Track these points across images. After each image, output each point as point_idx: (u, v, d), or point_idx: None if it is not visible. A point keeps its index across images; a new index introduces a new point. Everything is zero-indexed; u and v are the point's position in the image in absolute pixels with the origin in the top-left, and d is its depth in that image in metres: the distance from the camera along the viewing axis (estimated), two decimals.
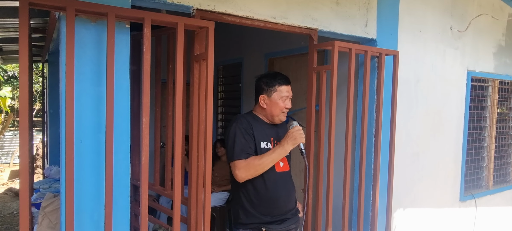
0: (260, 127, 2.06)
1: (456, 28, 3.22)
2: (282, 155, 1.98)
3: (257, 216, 2.02)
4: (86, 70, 1.58)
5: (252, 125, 2.03)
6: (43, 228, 2.52)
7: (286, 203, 2.10)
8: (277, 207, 2.07)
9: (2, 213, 6.06)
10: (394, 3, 2.73)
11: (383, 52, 2.54)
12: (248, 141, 1.98)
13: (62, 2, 1.43)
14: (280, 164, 2.07)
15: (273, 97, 2.03)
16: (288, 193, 2.10)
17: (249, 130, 2.00)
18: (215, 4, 1.91)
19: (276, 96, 2.03)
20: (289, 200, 2.11)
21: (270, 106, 2.05)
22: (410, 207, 3.02)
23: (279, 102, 2.03)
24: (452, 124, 3.31)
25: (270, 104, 2.04)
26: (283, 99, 2.03)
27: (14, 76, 11.03)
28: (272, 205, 2.05)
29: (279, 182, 2.05)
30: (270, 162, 1.96)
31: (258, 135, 2.02)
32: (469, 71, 3.38)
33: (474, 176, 3.69)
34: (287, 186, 2.10)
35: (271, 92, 2.03)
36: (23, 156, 1.42)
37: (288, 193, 2.10)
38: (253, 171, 1.94)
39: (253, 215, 2.02)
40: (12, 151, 11.06)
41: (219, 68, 4.64)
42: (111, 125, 1.57)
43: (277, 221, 2.07)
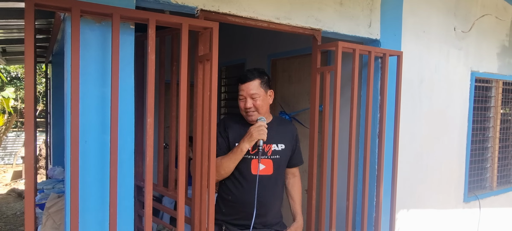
0: (239, 127, 2.01)
1: (459, 29, 3.21)
2: (238, 153, 1.90)
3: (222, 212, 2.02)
4: (91, 70, 1.58)
5: (229, 126, 2.03)
6: (47, 228, 2.52)
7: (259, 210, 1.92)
8: (243, 211, 1.95)
9: (5, 214, 6.08)
10: (397, 3, 2.72)
11: (387, 52, 2.53)
12: (221, 142, 1.99)
13: (68, 3, 1.43)
14: (260, 166, 1.94)
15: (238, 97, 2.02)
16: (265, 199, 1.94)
17: (222, 132, 2.03)
18: (219, 5, 1.91)
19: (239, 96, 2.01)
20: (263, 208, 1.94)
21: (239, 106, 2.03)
22: (413, 208, 3.01)
23: (239, 103, 2.00)
24: (456, 125, 3.30)
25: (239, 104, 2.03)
26: (240, 99, 1.97)
27: (17, 77, 11.07)
28: (237, 208, 1.97)
29: (251, 185, 1.93)
30: (229, 162, 1.91)
31: (232, 136, 2.00)
32: (472, 72, 3.37)
33: (478, 177, 3.68)
34: (265, 192, 1.95)
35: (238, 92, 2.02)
36: (28, 155, 1.42)
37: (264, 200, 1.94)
38: (217, 173, 1.91)
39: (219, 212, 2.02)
40: (15, 152, 11.10)
41: (222, 69, 4.65)
42: (115, 125, 1.57)
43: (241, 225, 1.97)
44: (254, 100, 1.95)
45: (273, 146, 2.03)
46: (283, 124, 2.17)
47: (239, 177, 1.99)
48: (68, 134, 1.52)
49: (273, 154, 1.97)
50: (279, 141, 2.03)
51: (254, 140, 1.90)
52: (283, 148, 2.05)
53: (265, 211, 1.98)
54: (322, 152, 2.39)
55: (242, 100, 1.97)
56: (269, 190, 1.98)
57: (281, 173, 2.05)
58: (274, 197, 2.00)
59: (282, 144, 2.05)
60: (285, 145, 2.07)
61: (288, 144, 2.09)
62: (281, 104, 3.55)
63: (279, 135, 2.03)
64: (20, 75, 11.07)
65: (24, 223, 4.03)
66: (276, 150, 2.01)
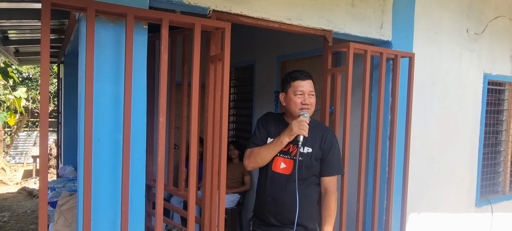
0: (278, 124, 2.02)
1: (472, 31, 3.17)
2: (277, 145, 1.91)
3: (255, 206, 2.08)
4: (105, 70, 1.60)
5: (270, 122, 2.06)
6: (59, 226, 2.55)
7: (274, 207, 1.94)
8: (262, 208, 2.01)
9: (16, 212, 6.16)
10: (409, 5, 2.70)
11: (399, 54, 2.51)
12: (261, 133, 2.04)
13: (83, 3, 1.45)
14: (281, 164, 1.95)
15: (288, 94, 1.96)
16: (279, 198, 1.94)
17: (264, 124, 2.05)
18: (231, 6, 1.92)
19: (291, 92, 1.95)
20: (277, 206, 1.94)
21: (288, 103, 1.98)
22: (424, 211, 2.97)
23: (294, 98, 1.93)
24: (468, 128, 3.26)
25: (287, 101, 1.98)
26: (298, 95, 1.93)
27: (29, 77, 11.24)
28: (258, 204, 2.05)
29: (270, 183, 1.98)
30: (267, 152, 1.94)
31: (272, 130, 2.03)
32: (485, 75, 3.33)
33: (490, 181, 3.62)
34: (280, 191, 1.94)
35: (287, 89, 1.97)
36: (43, 153, 1.44)
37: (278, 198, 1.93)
38: (253, 160, 1.97)
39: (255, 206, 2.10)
40: (25, 151, 11.26)
41: (231, 70, 4.66)
42: (128, 124, 1.58)
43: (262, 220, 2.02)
44: (310, 98, 1.95)
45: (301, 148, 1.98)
46: (319, 127, 2.06)
47: (263, 172, 2.03)
48: (81, 132, 1.54)
49: (296, 155, 1.93)
50: (307, 143, 1.96)
51: (294, 135, 1.87)
52: (310, 152, 1.96)
53: (280, 210, 1.95)
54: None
55: (301, 96, 1.93)
56: (284, 190, 1.94)
57: (305, 176, 1.95)
58: (290, 198, 1.92)
59: (309, 147, 1.96)
60: (313, 149, 1.96)
61: (316, 147, 1.97)
62: None
63: (310, 137, 1.94)
64: (32, 76, 11.24)
65: (34, 221, 4.08)
66: (301, 152, 1.95)
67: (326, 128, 2.10)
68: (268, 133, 2.03)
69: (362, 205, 2.40)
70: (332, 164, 1.97)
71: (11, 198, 7.31)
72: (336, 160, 1.99)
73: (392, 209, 2.59)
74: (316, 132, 1.99)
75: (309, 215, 1.98)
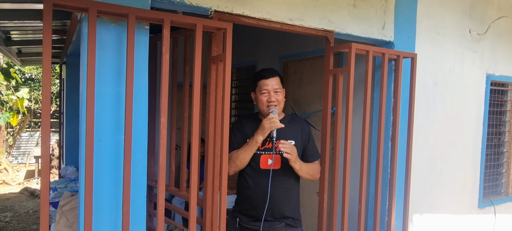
0: (253, 124, 2.09)
1: (475, 31, 3.16)
2: (253, 145, 1.98)
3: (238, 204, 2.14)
4: (106, 70, 1.60)
5: (245, 123, 2.13)
6: (60, 226, 2.55)
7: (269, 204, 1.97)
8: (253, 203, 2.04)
9: (18, 212, 6.18)
10: (412, 5, 2.69)
11: (401, 54, 2.51)
12: (237, 137, 2.11)
13: (85, 3, 1.45)
14: (268, 161, 2.02)
15: (256, 93, 2.09)
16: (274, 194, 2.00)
17: (239, 128, 2.13)
18: (233, 6, 1.92)
19: (258, 92, 2.08)
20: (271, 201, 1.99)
21: (257, 102, 2.10)
22: (427, 213, 2.96)
23: (260, 97, 2.06)
24: (471, 129, 3.24)
25: (256, 101, 2.10)
26: (264, 94, 2.04)
27: (31, 78, 11.28)
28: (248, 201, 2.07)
29: (260, 179, 2.02)
30: (245, 153, 2.00)
31: (248, 132, 2.09)
32: (488, 75, 3.31)
33: (493, 182, 3.60)
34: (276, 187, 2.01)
35: (255, 88, 2.10)
36: (45, 153, 1.44)
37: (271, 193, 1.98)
38: (233, 164, 2.03)
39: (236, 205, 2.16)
40: (28, 151, 11.30)
41: (233, 71, 4.66)
42: (130, 125, 1.58)
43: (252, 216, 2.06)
44: (276, 95, 2.05)
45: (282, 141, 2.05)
46: (295, 120, 2.18)
47: (250, 172, 2.08)
48: (83, 132, 1.54)
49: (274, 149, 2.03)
50: (289, 137, 2.07)
51: (267, 131, 1.96)
52: (294, 144, 2.06)
53: (273, 203, 2.02)
54: (334, 154, 2.37)
55: (265, 95, 2.05)
56: (277, 184, 2.03)
57: (291, 168, 2.03)
58: (283, 190, 2.04)
59: (292, 140, 2.07)
60: (296, 141, 2.09)
61: (298, 140, 2.10)
62: (292, 107, 3.54)
63: (290, 131, 2.07)
64: (34, 77, 11.28)
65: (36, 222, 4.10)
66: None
67: (301, 119, 2.21)
68: (246, 136, 2.10)
69: (364, 206, 2.39)
70: (313, 151, 2.15)
71: (14, 198, 7.34)
72: (315, 147, 2.18)
73: (394, 210, 2.58)
74: (295, 125, 2.13)
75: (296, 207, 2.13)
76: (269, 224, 2.04)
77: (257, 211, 2.03)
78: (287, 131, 2.05)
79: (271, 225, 2.05)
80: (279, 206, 2.04)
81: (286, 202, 2.06)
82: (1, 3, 2.38)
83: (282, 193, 2.04)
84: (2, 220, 5.68)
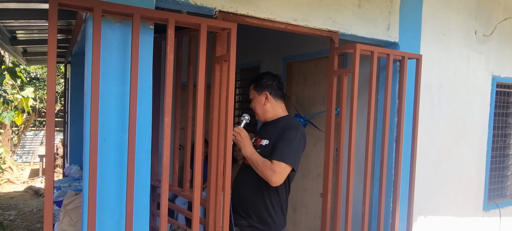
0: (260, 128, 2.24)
1: (480, 33, 3.13)
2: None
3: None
4: (111, 70, 1.60)
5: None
6: (64, 225, 2.56)
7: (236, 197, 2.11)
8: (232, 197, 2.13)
9: (22, 211, 6.22)
10: (417, 6, 2.68)
11: (406, 55, 2.49)
12: None
13: (90, 3, 1.45)
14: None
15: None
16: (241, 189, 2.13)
17: None
18: (237, 6, 1.92)
19: None
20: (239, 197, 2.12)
21: None
22: (431, 215, 2.94)
23: None
24: (476, 131, 3.22)
25: None
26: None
27: (36, 77, 11.35)
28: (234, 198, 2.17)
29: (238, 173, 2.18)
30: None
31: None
32: (494, 77, 3.29)
33: (498, 185, 3.57)
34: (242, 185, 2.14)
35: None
36: (49, 152, 1.45)
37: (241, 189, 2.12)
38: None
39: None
40: (32, 150, 11.37)
41: (237, 71, 4.65)
42: (134, 124, 1.58)
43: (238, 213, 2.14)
44: (252, 103, 2.19)
45: (262, 141, 2.12)
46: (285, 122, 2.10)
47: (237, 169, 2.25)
48: (87, 131, 1.54)
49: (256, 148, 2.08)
50: (266, 137, 2.11)
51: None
52: (266, 144, 2.08)
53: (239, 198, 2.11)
54: (338, 155, 2.36)
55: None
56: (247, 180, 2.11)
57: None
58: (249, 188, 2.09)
59: (267, 139, 2.09)
60: (270, 141, 2.07)
61: (272, 139, 2.05)
62: (296, 107, 3.53)
63: (268, 131, 2.11)
64: (39, 76, 11.34)
65: (40, 220, 4.11)
66: (261, 144, 2.10)
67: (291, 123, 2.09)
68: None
69: (367, 208, 2.37)
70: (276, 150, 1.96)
71: (18, 196, 7.38)
72: (282, 148, 1.96)
73: (398, 212, 2.56)
74: (278, 127, 2.09)
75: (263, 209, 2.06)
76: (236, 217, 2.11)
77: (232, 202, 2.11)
78: (266, 131, 2.14)
79: (237, 219, 2.11)
80: (244, 202, 2.11)
81: (251, 200, 2.08)
82: (7, 3, 2.40)
83: (249, 190, 2.09)
84: (7, 218, 5.72)
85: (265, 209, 2.06)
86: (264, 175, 1.96)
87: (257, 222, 2.07)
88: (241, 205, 2.11)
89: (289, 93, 3.65)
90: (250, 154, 2.01)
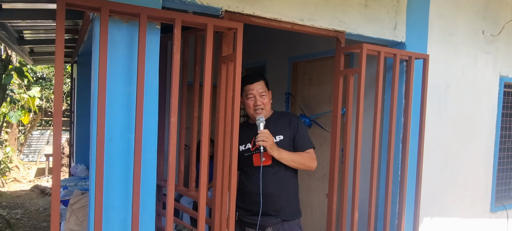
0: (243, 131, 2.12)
1: (488, 32, 3.10)
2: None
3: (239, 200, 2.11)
4: (117, 69, 1.60)
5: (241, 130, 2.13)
6: (70, 224, 2.58)
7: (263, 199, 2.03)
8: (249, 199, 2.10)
9: (28, 210, 6.26)
10: (424, 6, 2.66)
11: (413, 55, 2.47)
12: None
13: (97, 3, 1.46)
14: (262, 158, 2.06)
15: (243, 99, 2.15)
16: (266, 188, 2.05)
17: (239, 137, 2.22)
18: (244, 6, 1.91)
19: (244, 97, 2.14)
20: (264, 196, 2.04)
21: (245, 107, 2.17)
22: (437, 216, 2.91)
23: (247, 102, 2.13)
24: (483, 131, 3.19)
25: (245, 105, 2.17)
26: (250, 98, 2.11)
27: (43, 77, 11.43)
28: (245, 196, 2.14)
29: (252, 176, 2.11)
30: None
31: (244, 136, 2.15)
32: (501, 77, 3.26)
33: (506, 186, 3.53)
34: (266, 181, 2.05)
35: (242, 94, 2.13)
36: (56, 151, 1.45)
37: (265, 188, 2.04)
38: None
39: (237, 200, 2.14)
40: (39, 150, 11.46)
41: (242, 71, 4.64)
42: (140, 123, 1.59)
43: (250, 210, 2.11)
44: (262, 98, 2.12)
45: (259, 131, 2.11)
46: (282, 115, 2.24)
47: (246, 169, 2.17)
48: (94, 131, 1.54)
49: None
50: (277, 133, 2.13)
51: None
52: (282, 139, 2.13)
53: (266, 199, 2.07)
54: (344, 156, 2.34)
55: (252, 99, 2.13)
56: (270, 179, 2.09)
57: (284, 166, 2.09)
58: (274, 185, 2.09)
59: (280, 135, 2.14)
60: (284, 136, 2.14)
61: (286, 133, 2.15)
62: (301, 107, 3.52)
63: (277, 127, 2.14)
64: (46, 76, 11.43)
65: (46, 219, 4.13)
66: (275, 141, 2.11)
67: (289, 113, 2.25)
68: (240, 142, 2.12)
69: (374, 209, 2.36)
70: (303, 139, 2.16)
71: (24, 195, 7.44)
72: (305, 136, 2.18)
73: (405, 213, 2.54)
74: (282, 120, 2.18)
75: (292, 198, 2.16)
76: (265, 219, 2.09)
77: (252, 206, 2.10)
78: (274, 127, 2.12)
79: (267, 220, 2.10)
80: (272, 201, 2.10)
81: (279, 196, 2.11)
82: (15, 3, 2.42)
83: (274, 188, 2.09)
84: (13, 217, 5.77)
85: (294, 200, 2.18)
86: (306, 165, 2.14)
87: (287, 215, 2.13)
88: (272, 204, 2.09)
89: (294, 93, 3.65)
90: (279, 153, 2.05)
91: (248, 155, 2.15)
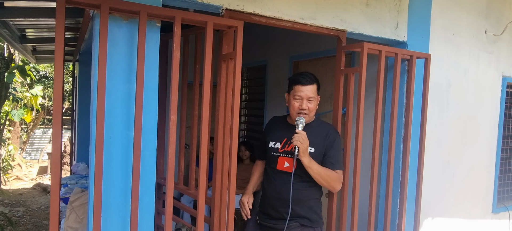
0: (278, 127, 2.09)
1: (491, 32, 3.09)
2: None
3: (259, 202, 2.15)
4: (117, 68, 1.60)
5: (273, 125, 2.14)
6: (70, 221, 2.58)
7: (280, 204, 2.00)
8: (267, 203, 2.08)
9: (30, 207, 6.29)
10: (426, 5, 2.65)
11: (414, 55, 2.46)
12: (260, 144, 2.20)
13: (97, 0, 1.45)
14: (285, 163, 2.02)
15: (289, 96, 2.05)
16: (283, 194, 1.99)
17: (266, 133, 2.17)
18: (244, 4, 1.91)
19: (291, 95, 2.03)
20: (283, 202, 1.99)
21: (289, 105, 2.06)
22: (439, 216, 2.90)
23: (293, 102, 2.01)
24: (485, 132, 3.17)
25: (289, 103, 2.06)
26: (297, 99, 1.99)
27: (45, 76, 11.48)
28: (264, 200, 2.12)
29: (274, 181, 2.06)
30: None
31: (271, 136, 2.11)
32: (504, 77, 3.24)
33: (508, 187, 3.51)
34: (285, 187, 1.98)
35: (289, 90, 2.05)
36: (55, 150, 1.45)
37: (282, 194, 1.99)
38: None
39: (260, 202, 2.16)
40: (41, 148, 11.50)
41: (243, 70, 4.65)
42: (139, 122, 1.59)
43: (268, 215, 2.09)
44: (309, 103, 2.00)
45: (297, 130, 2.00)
46: (322, 126, 2.10)
47: (269, 172, 2.11)
48: (93, 128, 1.54)
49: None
50: (310, 144, 2.00)
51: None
52: (312, 151, 2.01)
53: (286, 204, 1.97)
54: (344, 156, 2.34)
55: (298, 101, 2.00)
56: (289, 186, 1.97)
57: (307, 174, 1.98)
58: (296, 191, 1.98)
59: (311, 147, 2.01)
60: (315, 148, 2.02)
61: (319, 146, 2.03)
62: None
63: (311, 136, 1.99)
64: (48, 74, 11.47)
65: (48, 217, 4.14)
66: None
67: (330, 126, 2.14)
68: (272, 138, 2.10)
69: (374, 209, 2.35)
70: (333, 159, 2.02)
71: (26, 193, 7.47)
72: (338, 156, 2.05)
73: (405, 213, 2.53)
74: (319, 131, 2.06)
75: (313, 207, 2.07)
76: (283, 223, 2.02)
77: (272, 210, 2.06)
78: (309, 137, 1.97)
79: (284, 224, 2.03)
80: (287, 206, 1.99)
81: (300, 203, 2.02)
82: (17, 1, 2.42)
83: (295, 194, 1.98)
84: (15, 214, 5.79)
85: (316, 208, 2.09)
86: (330, 185, 2.02)
87: (309, 222, 2.05)
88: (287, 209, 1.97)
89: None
90: (309, 162, 1.94)
91: (274, 154, 2.06)
